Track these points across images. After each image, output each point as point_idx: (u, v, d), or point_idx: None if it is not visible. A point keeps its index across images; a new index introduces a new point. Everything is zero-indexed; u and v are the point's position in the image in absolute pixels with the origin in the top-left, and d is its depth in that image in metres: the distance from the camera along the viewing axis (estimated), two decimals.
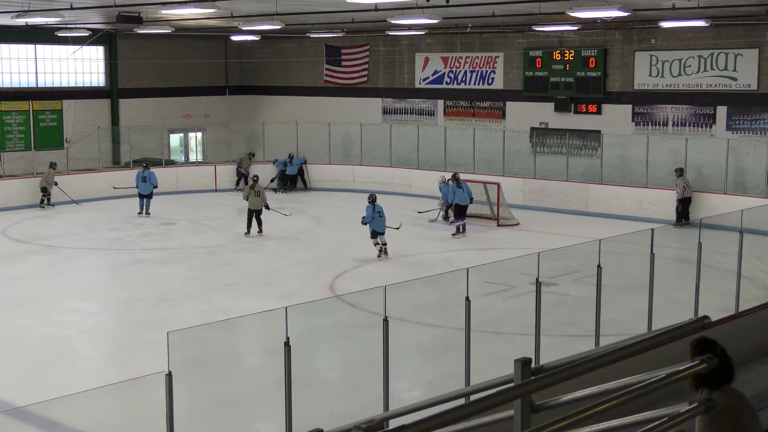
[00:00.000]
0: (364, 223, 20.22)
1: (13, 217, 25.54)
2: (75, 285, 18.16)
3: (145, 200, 25.87)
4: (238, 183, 30.44)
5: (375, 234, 20.03)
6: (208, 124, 34.99)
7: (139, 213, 25.64)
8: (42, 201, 27.09)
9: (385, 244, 20.19)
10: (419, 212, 25.00)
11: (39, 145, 31.07)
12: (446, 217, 24.44)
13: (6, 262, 20.18)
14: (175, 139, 35.65)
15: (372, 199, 20.31)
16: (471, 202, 23.42)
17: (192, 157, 35.32)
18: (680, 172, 23.96)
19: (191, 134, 35.65)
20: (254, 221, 22.58)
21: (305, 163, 31.19)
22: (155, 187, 26.31)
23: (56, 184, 27.21)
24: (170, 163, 32.70)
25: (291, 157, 30.92)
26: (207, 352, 11.32)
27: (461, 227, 22.84)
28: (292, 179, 30.83)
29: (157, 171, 28.31)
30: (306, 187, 30.81)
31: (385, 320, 9.49)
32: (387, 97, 33.23)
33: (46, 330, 14.88)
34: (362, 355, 11.79)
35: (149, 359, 12.85)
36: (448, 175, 24.93)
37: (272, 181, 30.43)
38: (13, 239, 22.77)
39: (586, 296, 12.39)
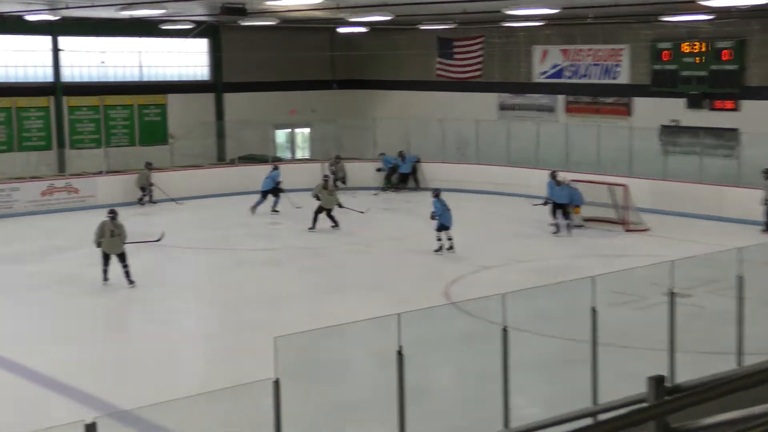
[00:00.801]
0: (433, 217, 20.85)
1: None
2: (179, 285, 18.65)
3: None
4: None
5: (442, 227, 20.62)
6: (315, 120, 35.43)
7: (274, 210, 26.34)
8: (141, 198, 27.89)
9: (451, 239, 20.61)
10: (534, 205, 24.68)
11: (143, 141, 32.08)
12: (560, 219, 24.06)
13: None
14: (281, 135, 36.26)
15: (436, 194, 21.06)
16: (576, 203, 23.67)
17: (299, 154, 35.88)
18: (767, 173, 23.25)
19: (298, 130, 36.20)
20: (326, 218, 23.32)
21: (418, 161, 31.25)
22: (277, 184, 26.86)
23: (152, 184, 27.95)
24: (276, 159, 33.22)
25: (402, 155, 30.94)
26: (315, 358, 11.46)
27: (564, 226, 23.04)
28: (403, 178, 30.95)
29: (262, 168, 28.84)
30: (417, 186, 30.86)
31: (504, 330, 9.43)
32: (503, 92, 33.03)
33: (151, 331, 15.31)
34: (480, 366, 11.74)
35: (255, 364, 13.12)
36: (562, 175, 24.51)
37: (379, 170, 30.49)
38: None
39: (724, 310, 12.04)
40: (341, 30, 33.36)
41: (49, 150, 30.64)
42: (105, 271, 17.97)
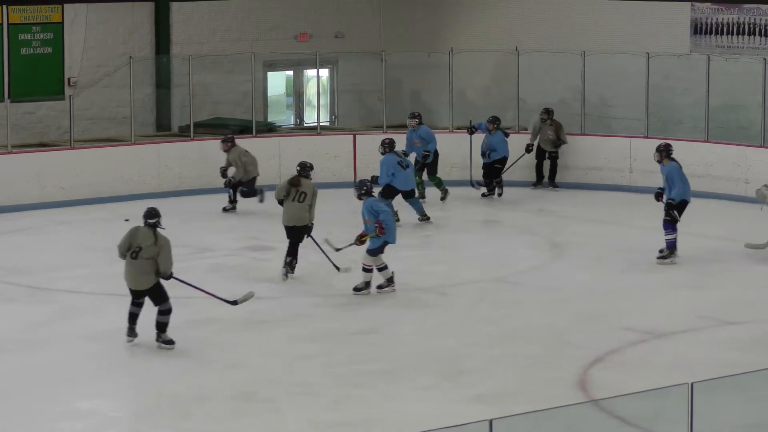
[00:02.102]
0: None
1: None
2: (79, 365, 18.83)
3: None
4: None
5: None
6: (341, 53, 35.64)
7: None
8: None
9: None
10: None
11: (18, 92, 32.32)
12: None
13: None
14: (277, 82, 36.49)
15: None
16: None
17: (310, 118, 36.04)
18: None
19: (309, 73, 36.40)
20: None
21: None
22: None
23: None
24: (267, 128, 33.41)
25: (496, 123, 30.26)
26: None
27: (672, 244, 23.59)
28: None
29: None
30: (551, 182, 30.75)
31: None
32: (702, 1, 32.97)
33: None
34: None
35: None
36: None
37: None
38: None
39: None
40: None
41: None
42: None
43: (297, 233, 22.65)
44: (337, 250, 22.88)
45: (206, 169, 29.17)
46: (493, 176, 29.22)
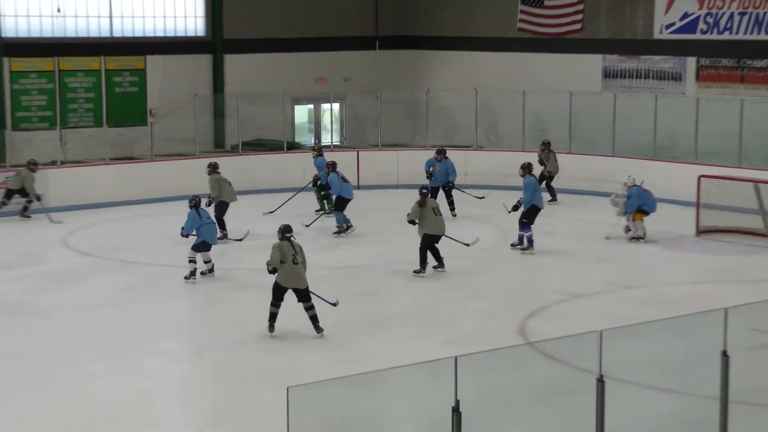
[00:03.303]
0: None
1: (78, 220, 26.72)
2: (160, 318, 18.84)
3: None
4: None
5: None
6: (348, 92, 35.62)
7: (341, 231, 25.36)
8: (2, 205, 26.98)
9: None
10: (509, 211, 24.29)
11: (113, 120, 32.30)
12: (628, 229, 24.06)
13: (67, 283, 21.16)
14: (301, 113, 36.50)
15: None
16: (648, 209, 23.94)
17: (325, 139, 36.05)
18: None
19: (325, 106, 36.42)
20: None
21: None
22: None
23: (39, 199, 26.95)
24: (294, 146, 33.43)
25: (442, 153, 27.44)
26: (341, 417, 11.57)
27: (529, 239, 23.19)
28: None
29: (275, 158, 29.08)
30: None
31: (600, 380, 9.50)
32: (610, 54, 33.00)
33: (122, 381, 15.49)
34: (565, 430, 11.78)
35: (262, 425, 13.28)
36: (638, 178, 24.45)
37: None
38: (78, 251, 23.77)
39: None
40: None
41: None
42: (273, 315, 17.16)
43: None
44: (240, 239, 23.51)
45: (249, 176, 29.15)
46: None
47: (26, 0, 31.64)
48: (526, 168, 23.65)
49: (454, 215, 26.30)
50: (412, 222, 21.48)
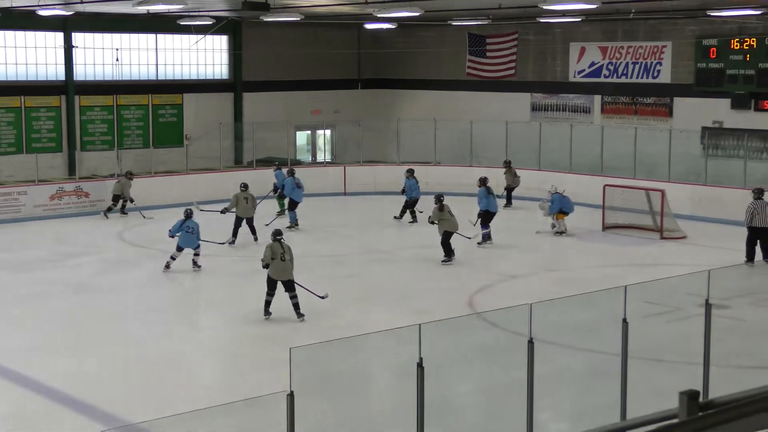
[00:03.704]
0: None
1: (131, 220, 26.53)
2: (192, 295, 18.73)
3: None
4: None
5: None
6: (337, 121, 35.55)
7: (292, 226, 24.85)
8: (109, 209, 26.88)
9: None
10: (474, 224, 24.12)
11: (157, 142, 32.28)
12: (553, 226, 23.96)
13: (121, 268, 21.01)
14: (302, 137, 36.39)
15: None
16: (566, 210, 23.89)
17: (320, 157, 35.97)
18: (758, 193, 20.37)
19: (319, 132, 36.31)
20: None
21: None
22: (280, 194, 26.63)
23: (132, 200, 26.94)
24: (296, 163, 33.33)
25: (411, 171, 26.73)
26: (332, 371, 11.48)
27: (487, 235, 22.84)
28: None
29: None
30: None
31: (531, 342, 9.42)
32: (536, 92, 32.98)
33: (161, 342, 15.39)
34: (504, 380, 11.73)
35: (270, 377, 13.16)
36: (560, 187, 24.50)
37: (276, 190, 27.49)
38: (130, 243, 23.66)
39: (765, 322, 11.96)
40: (369, 26, 33.41)
41: (59, 152, 30.93)
42: (268, 303, 16.52)
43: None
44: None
45: (261, 185, 28.93)
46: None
47: (93, 51, 31.51)
48: (481, 181, 23.56)
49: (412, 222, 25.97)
50: (432, 222, 21.28)
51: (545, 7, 21.89)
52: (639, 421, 5.54)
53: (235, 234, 23.02)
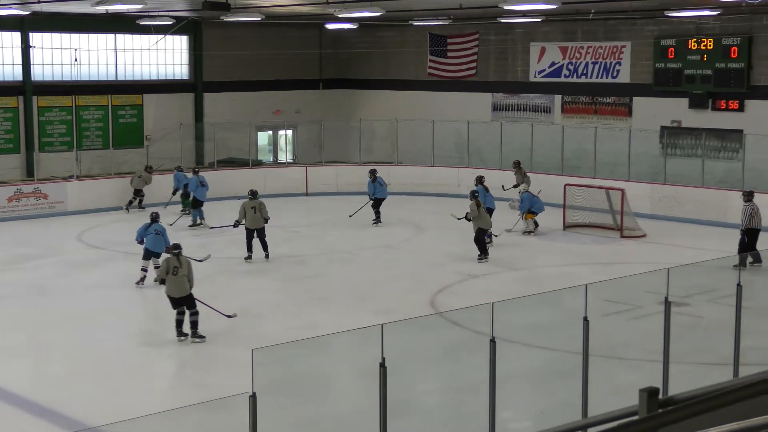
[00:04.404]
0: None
1: (90, 221, 26.30)
2: (152, 296, 18.57)
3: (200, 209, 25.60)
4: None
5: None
6: (299, 121, 35.46)
7: (195, 224, 25.18)
8: (131, 203, 27.82)
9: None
10: (458, 218, 24.26)
11: (117, 143, 32.01)
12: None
13: (80, 269, 20.82)
14: (263, 138, 36.26)
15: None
16: (536, 210, 24.02)
17: (281, 157, 35.86)
18: (748, 195, 20.10)
19: (281, 132, 36.20)
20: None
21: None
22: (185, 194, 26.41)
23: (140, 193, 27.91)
24: (258, 163, 33.24)
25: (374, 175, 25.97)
26: (295, 372, 11.45)
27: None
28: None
29: (243, 172, 28.84)
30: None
31: (492, 341, 9.44)
32: (497, 92, 33.10)
33: (122, 345, 15.26)
34: (466, 380, 11.75)
35: (232, 378, 13.08)
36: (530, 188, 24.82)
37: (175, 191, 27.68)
38: (89, 245, 23.46)
39: (723, 319, 12.09)
40: (330, 26, 33.36)
41: (17, 153, 30.62)
42: (179, 322, 15.24)
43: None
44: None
45: (223, 185, 28.86)
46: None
47: (51, 51, 31.21)
48: (478, 179, 23.94)
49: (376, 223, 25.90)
50: (468, 219, 21.31)
51: (506, 7, 21.95)
52: (600, 419, 5.59)
53: (249, 248, 21.11)
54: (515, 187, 27.45)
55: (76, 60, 31.60)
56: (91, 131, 32.10)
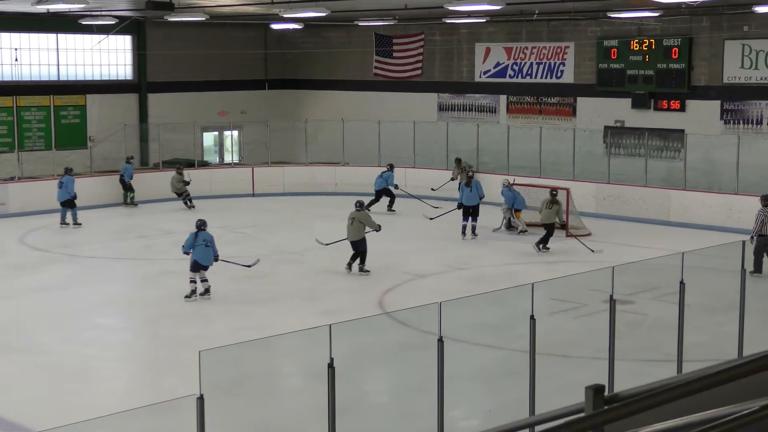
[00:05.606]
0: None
1: (32, 223, 25.95)
2: (98, 298, 18.39)
3: (66, 209, 25.43)
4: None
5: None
6: (245, 122, 35.32)
7: (63, 223, 25.34)
8: (186, 203, 28.14)
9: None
10: (430, 218, 24.86)
11: (60, 144, 31.63)
12: (510, 226, 24.38)
13: (23, 272, 20.52)
14: (209, 138, 36.06)
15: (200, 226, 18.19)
16: (517, 207, 24.36)
17: (227, 158, 35.70)
18: (765, 200, 19.10)
19: (226, 133, 36.05)
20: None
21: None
22: (73, 196, 25.68)
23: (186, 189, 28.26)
24: (203, 164, 33.04)
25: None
26: (242, 373, 11.41)
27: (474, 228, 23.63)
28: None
29: (190, 173, 28.64)
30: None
31: (440, 340, 9.48)
32: (443, 92, 33.25)
33: (67, 348, 15.09)
34: (415, 379, 11.79)
35: (179, 381, 12.99)
36: (512, 179, 25.14)
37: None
38: (32, 247, 23.15)
39: (666, 316, 12.26)
40: (275, 26, 33.27)
41: None
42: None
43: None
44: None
45: (166, 187, 28.66)
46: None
47: None
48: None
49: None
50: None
51: (450, 8, 22.06)
52: (547, 416, 5.63)
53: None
54: (452, 180, 27.90)
55: (16, 60, 31.17)
56: (32, 132, 31.69)
